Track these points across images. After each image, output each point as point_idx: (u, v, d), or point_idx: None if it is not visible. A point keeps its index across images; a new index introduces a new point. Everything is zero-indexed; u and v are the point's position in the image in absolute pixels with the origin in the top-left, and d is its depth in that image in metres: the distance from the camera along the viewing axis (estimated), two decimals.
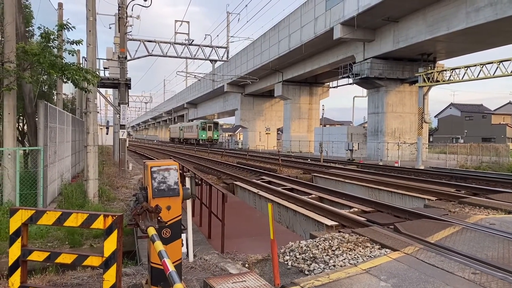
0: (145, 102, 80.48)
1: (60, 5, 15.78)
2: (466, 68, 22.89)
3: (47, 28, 9.34)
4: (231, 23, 34.88)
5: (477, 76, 22.21)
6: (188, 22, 26.86)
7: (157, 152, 41.06)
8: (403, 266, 5.13)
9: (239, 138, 62.79)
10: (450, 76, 24.34)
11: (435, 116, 78.79)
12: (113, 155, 26.93)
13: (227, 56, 28.75)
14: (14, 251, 3.19)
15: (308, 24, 32.94)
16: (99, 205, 10.51)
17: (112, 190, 13.21)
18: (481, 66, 21.73)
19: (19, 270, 3.21)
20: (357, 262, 5.46)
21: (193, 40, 26.39)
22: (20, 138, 11.99)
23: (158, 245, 2.67)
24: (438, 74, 25.04)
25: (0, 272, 5.57)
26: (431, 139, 61.26)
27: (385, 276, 4.78)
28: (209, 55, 27.52)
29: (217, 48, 27.95)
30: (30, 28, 12.27)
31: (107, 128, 33.96)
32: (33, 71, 10.54)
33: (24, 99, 10.55)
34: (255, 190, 13.56)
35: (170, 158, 24.35)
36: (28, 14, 12.22)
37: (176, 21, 27.12)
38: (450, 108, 77.03)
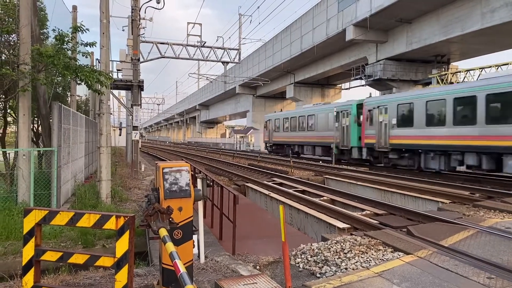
0: (157, 104, 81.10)
1: (75, 7, 15.98)
2: (481, 70, 22.62)
3: (61, 30, 9.47)
4: (243, 25, 35.02)
5: None
6: (200, 24, 26.96)
7: (169, 153, 41.31)
8: (416, 270, 5.06)
9: (251, 140, 62.83)
10: (464, 78, 24.07)
11: None
12: (126, 156, 27.16)
13: (239, 58, 28.78)
14: (28, 251, 3.22)
15: (320, 25, 32.85)
16: (111, 205, 10.59)
17: (124, 191, 13.31)
18: (497, 67, 21.45)
19: (32, 269, 3.24)
20: (370, 265, 5.40)
21: (205, 42, 26.48)
22: (34, 139, 12.15)
23: (170, 246, 2.68)
24: (452, 76, 24.78)
25: (14, 272, 5.64)
26: None
27: (398, 280, 4.72)
28: (221, 57, 27.58)
29: (229, 50, 27.99)
30: (45, 30, 12.45)
31: (120, 129, 34.26)
32: (47, 73, 10.69)
33: (38, 101, 10.70)
34: (267, 192, 13.53)
35: (182, 160, 24.46)
36: (43, 17, 12.40)
37: (188, 23, 27.26)
38: None
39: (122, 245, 3.07)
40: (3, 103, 10.43)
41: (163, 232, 3.06)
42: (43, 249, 3.31)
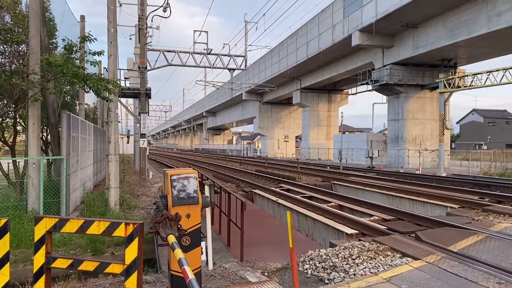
0: (164, 111, 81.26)
1: (83, 17, 16.18)
2: (488, 73, 22.45)
3: (70, 40, 9.59)
4: (249, 32, 35.08)
5: (500, 81, 21.76)
6: (206, 32, 27.11)
7: (177, 160, 41.43)
8: (425, 275, 5.03)
9: (258, 146, 62.83)
10: (471, 82, 23.91)
11: (457, 123, 77.49)
12: (134, 164, 27.28)
13: (245, 64, 28.90)
14: (39, 259, 3.26)
15: (326, 31, 32.91)
16: (120, 213, 10.65)
17: (133, 198, 13.37)
18: (504, 71, 21.28)
19: (43, 277, 3.27)
20: (378, 271, 5.39)
21: (211, 50, 26.64)
22: (43, 148, 12.26)
23: (178, 252, 2.70)
24: (459, 80, 24.62)
25: (25, 279, 5.69)
26: (453, 146, 60.12)
27: (406, 285, 4.71)
28: (228, 64, 27.72)
29: (235, 57, 28.13)
30: (54, 40, 12.59)
31: (128, 137, 34.46)
32: (56, 82, 10.81)
33: (47, 110, 10.81)
34: (274, 198, 13.53)
35: (190, 167, 24.53)
36: (52, 27, 12.55)
37: (195, 31, 27.44)
38: (473, 114, 75.64)
39: (131, 252, 3.10)
40: (13, 112, 10.56)
41: (171, 239, 3.09)
42: (53, 256, 3.35)
